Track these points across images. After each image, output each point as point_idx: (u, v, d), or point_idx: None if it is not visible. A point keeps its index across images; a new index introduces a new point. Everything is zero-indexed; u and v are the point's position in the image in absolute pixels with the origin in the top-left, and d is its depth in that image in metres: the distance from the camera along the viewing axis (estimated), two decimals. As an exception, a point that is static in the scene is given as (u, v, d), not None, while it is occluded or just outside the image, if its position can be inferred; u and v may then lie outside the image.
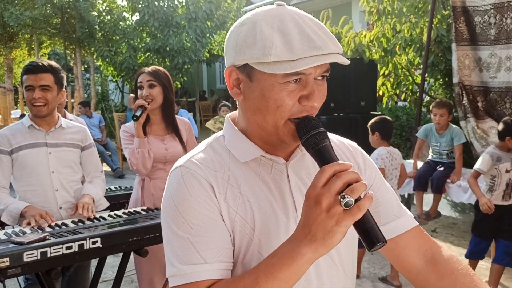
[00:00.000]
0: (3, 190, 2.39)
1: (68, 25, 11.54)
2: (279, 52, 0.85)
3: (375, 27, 5.86)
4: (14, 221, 2.30)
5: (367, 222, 0.82)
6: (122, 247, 2.20)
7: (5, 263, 1.82)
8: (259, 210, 0.93)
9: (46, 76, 2.34)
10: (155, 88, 2.62)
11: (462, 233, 5.16)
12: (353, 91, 5.48)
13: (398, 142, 6.66)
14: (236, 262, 0.94)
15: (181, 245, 0.90)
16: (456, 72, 4.81)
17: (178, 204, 0.92)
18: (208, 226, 0.90)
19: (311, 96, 0.89)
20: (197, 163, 0.95)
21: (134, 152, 2.55)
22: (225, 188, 0.93)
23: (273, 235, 0.93)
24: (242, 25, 0.92)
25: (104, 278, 3.77)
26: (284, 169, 0.99)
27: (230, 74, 0.96)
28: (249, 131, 0.98)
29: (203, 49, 10.85)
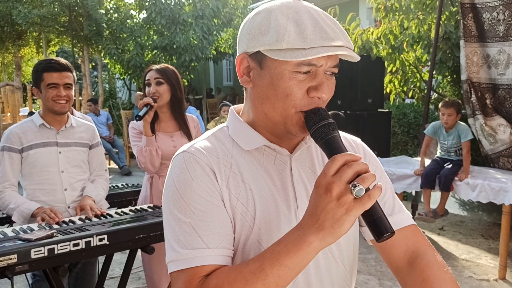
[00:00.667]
0: (12, 188, 2.41)
1: (76, 23, 11.59)
2: (292, 40, 0.86)
3: (383, 24, 5.82)
4: (24, 221, 2.32)
5: (376, 213, 0.82)
6: (129, 244, 2.21)
7: (12, 259, 1.83)
8: (260, 199, 0.94)
9: (69, 75, 2.39)
10: (162, 85, 2.63)
11: (470, 231, 5.13)
12: (360, 89, 5.45)
13: (406, 140, 6.62)
14: (236, 250, 0.93)
15: (182, 230, 0.90)
16: (464, 69, 4.77)
17: (180, 188, 0.92)
18: (210, 211, 0.90)
19: (320, 87, 0.90)
20: (200, 149, 0.96)
21: (142, 150, 2.56)
22: (227, 175, 0.93)
23: (273, 225, 0.94)
24: (258, 14, 0.94)
25: (111, 275, 3.80)
26: (287, 161, 0.99)
27: (241, 61, 0.96)
28: (256, 121, 0.98)
29: (210, 47, 10.85)
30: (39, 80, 2.38)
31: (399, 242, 1.05)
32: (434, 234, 5.05)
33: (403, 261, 1.05)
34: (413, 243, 1.06)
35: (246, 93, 1.00)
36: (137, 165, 9.29)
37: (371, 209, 0.80)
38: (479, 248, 4.59)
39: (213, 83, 19.22)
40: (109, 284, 3.47)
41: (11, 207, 2.33)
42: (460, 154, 4.52)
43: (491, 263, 4.17)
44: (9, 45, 14.13)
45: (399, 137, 6.64)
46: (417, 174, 4.62)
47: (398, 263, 1.06)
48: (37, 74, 2.39)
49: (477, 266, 4.14)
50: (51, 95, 2.36)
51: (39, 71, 2.38)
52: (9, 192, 2.38)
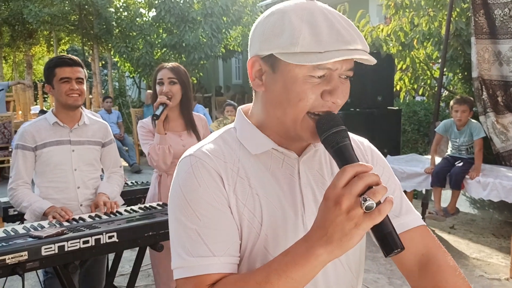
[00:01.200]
0: (26, 186, 2.44)
1: (86, 21, 11.66)
2: (306, 43, 0.83)
3: (393, 21, 5.78)
4: (36, 219, 2.34)
5: (386, 228, 0.80)
6: (138, 241, 2.23)
7: (23, 256, 1.85)
8: (267, 204, 0.92)
9: (80, 70, 2.43)
10: (175, 85, 2.64)
11: (481, 230, 5.09)
12: (369, 86, 5.42)
13: (416, 138, 6.57)
14: (242, 257, 0.91)
15: (188, 236, 0.88)
16: (476, 66, 4.72)
17: (186, 194, 0.90)
18: (217, 218, 0.88)
19: (335, 92, 0.87)
20: (207, 153, 0.93)
21: (155, 148, 2.57)
22: (234, 180, 0.91)
23: (280, 231, 0.92)
24: (271, 16, 0.90)
25: (121, 272, 3.82)
26: (295, 164, 0.97)
27: (253, 65, 0.93)
28: (266, 124, 0.96)
29: (219, 45, 10.84)
30: (51, 75, 2.40)
31: (407, 245, 0.99)
32: (445, 233, 5.02)
33: (413, 265, 1.03)
34: (422, 245, 1.04)
35: (257, 96, 0.98)
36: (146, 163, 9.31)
37: (381, 223, 0.78)
38: (490, 247, 4.55)
39: (222, 81, 19.24)
40: (118, 281, 3.49)
41: (24, 205, 2.36)
42: (471, 152, 4.48)
43: (502, 262, 4.13)
44: (20, 43, 14.23)
45: (409, 135, 6.59)
46: (427, 172, 4.59)
47: (409, 267, 1.03)
48: (49, 70, 2.41)
49: (488, 265, 4.11)
50: (64, 89, 2.39)
51: (51, 67, 2.40)
52: (22, 190, 2.40)
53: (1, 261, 1.79)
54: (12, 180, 2.43)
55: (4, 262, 1.80)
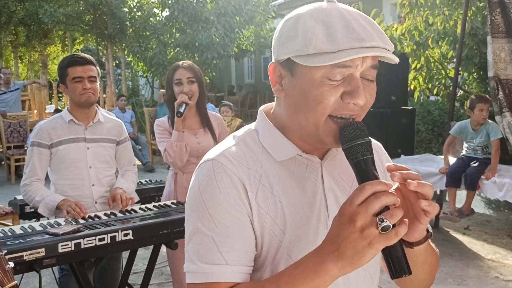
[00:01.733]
0: (39, 181, 2.46)
1: (100, 21, 11.75)
2: (319, 44, 0.81)
3: (407, 20, 5.74)
4: (50, 213, 2.36)
5: (397, 252, 0.79)
6: (153, 239, 2.25)
7: (40, 253, 1.88)
8: (290, 212, 0.90)
9: (92, 68, 2.44)
10: (194, 84, 2.67)
11: (496, 231, 5.03)
12: (383, 86, 5.38)
13: (430, 138, 6.52)
14: (264, 264, 0.91)
15: (203, 243, 0.87)
16: (492, 66, 4.66)
17: (206, 200, 0.88)
18: (234, 227, 0.87)
19: (355, 92, 0.83)
20: (230, 158, 0.91)
21: (173, 145, 2.58)
22: (256, 187, 0.89)
23: (303, 238, 0.90)
24: (288, 20, 0.89)
25: (135, 270, 3.84)
26: (318, 168, 0.95)
27: (274, 70, 0.92)
28: (289, 128, 0.93)
29: (232, 44, 10.85)
30: (64, 75, 2.42)
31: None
32: (459, 234, 4.97)
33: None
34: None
35: (279, 100, 0.96)
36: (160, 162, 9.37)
37: (393, 245, 0.77)
38: (505, 249, 4.50)
39: (234, 81, 19.27)
40: (132, 279, 3.51)
41: (37, 199, 2.38)
42: (487, 152, 4.43)
43: (516, 264, 4.08)
44: (35, 43, 14.41)
45: (423, 135, 6.55)
46: (442, 172, 4.55)
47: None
48: (62, 70, 2.44)
49: (503, 267, 4.06)
50: (77, 89, 2.41)
51: (64, 66, 2.43)
52: (36, 185, 2.43)
53: (19, 258, 1.82)
54: (27, 176, 2.45)
55: (21, 259, 1.83)
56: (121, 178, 2.63)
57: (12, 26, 13.44)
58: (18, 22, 12.66)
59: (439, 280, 3.79)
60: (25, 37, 14.13)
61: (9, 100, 8.47)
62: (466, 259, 4.22)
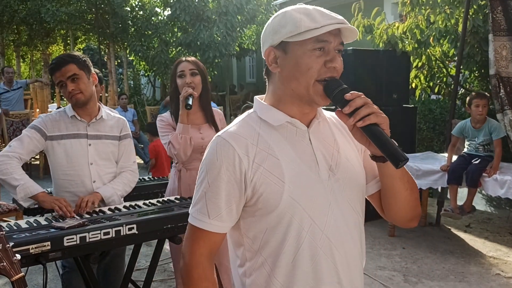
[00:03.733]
0: (20, 161, 2.36)
1: (102, 20, 11.77)
2: (307, 24, 1.14)
3: (409, 18, 5.74)
4: (24, 197, 2.28)
5: (390, 145, 1.10)
6: (157, 234, 2.26)
7: (46, 247, 1.90)
8: (286, 164, 1.18)
9: (69, 67, 2.36)
10: (197, 76, 2.68)
11: (497, 229, 5.04)
12: (385, 84, 5.40)
13: (431, 136, 6.53)
14: (275, 208, 1.17)
15: (199, 195, 1.21)
16: (493, 64, 4.67)
17: (207, 165, 1.20)
18: (221, 186, 1.17)
19: (334, 59, 1.17)
20: (231, 134, 1.21)
21: (178, 137, 2.58)
22: (254, 151, 1.18)
23: (301, 184, 1.18)
24: (276, 16, 1.22)
25: (137, 267, 3.87)
26: (306, 134, 1.24)
27: (269, 54, 1.22)
28: (282, 100, 1.23)
29: (233, 43, 10.85)
30: (53, 81, 2.45)
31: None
32: (461, 231, 4.98)
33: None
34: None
35: (271, 80, 1.26)
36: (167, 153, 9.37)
37: (385, 141, 1.09)
38: (507, 246, 4.51)
39: (236, 80, 19.27)
40: (135, 275, 3.53)
41: (15, 177, 2.28)
42: (489, 150, 4.44)
43: (520, 261, 4.09)
44: (37, 42, 14.42)
45: (425, 133, 6.55)
46: (443, 169, 4.56)
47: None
48: (50, 76, 2.48)
49: (505, 264, 4.08)
50: (64, 93, 2.42)
51: (50, 74, 2.44)
52: (16, 163, 2.33)
53: (25, 251, 1.83)
54: (10, 149, 2.35)
55: (27, 252, 1.84)
56: (111, 183, 2.54)
57: (15, 25, 13.46)
58: (20, 21, 12.67)
59: (440, 277, 3.81)
60: (27, 36, 14.14)
61: (12, 99, 8.50)
62: (468, 257, 4.24)
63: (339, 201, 1.21)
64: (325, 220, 1.19)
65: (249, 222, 1.22)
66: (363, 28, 5.74)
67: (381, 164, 1.20)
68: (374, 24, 5.79)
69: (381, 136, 1.10)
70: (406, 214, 1.29)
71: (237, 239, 1.26)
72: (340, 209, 1.21)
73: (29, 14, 12.19)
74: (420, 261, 4.16)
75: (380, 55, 5.50)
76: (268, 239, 1.19)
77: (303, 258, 1.18)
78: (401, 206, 1.27)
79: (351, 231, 1.23)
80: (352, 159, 1.27)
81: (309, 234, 1.17)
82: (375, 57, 5.41)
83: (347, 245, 1.22)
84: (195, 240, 1.22)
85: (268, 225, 1.19)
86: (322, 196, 1.19)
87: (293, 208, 1.16)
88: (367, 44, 5.96)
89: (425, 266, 4.04)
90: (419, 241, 4.66)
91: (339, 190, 1.22)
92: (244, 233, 1.23)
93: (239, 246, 1.25)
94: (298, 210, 1.16)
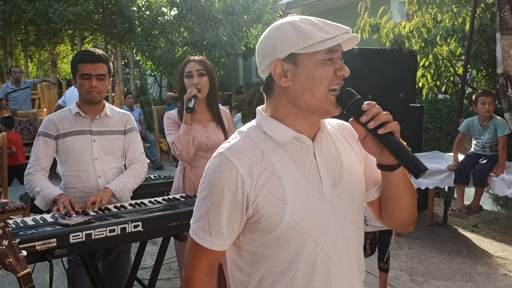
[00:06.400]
0: (42, 172, 2.47)
1: (109, 20, 11.82)
2: (320, 35, 1.12)
3: (415, 17, 5.71)
4: (46, 205, 2.37)
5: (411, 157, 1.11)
6: (162, 231, 2.27)
7: (52, 243, 1.91)
8: (290, 185, 1.16)
9: (102, 66, 2.44)
10: (204, 77, 2.68)
11: (505, 229, 5.01)
12: (391, 83, 5.38)
13: (438, 136, 6.49)
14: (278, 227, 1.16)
15: (201, 212, 1.20)
16: (501, 63, 4.64)
17: (210, 184, 1.18)
18: (223, 206, 1.16)
19: (343, 67, 1.17)
20: (234, 152, 1.18)
21: (180, 137, 2.60)
22: (258, 171, 1.16)
23: (305, 203, 1.17)
24: (278, 29, 1.18)
25: (143, 265, 3.88)
26: (311, 149, 1.22)
27: (276, 68, 1.17)
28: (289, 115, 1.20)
29: (240, 43, 10.85)
30: (75, 70, 2.45)
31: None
32: (468, 231, 4.95)
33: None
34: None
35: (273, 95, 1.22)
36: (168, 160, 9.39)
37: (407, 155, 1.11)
38: (514, 246, 4.48)
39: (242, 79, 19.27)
40: (140, 274, 3.54)
41: (36, 190, 2.40)
42: (496, 150, 4.41)
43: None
44: (45, 42, 14.50)
45: (432, 133, 6.52)
46: (450, 169, 4.54)
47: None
48: (73, 64, 2.47)
49: (512, 264, 4.05)
50: (84, 86, 2.44)
51: (75, 61, 2.45)
52: (38, 176, 2.44)
53: (31, 247, 1.84)
54: (31, 165, 2.47)
55: (34, 248, 1.85)
56: (120, 177, 2.57)
57: (22, 25, 13.54)
58: (28, 21, 12.74)
59: (447, 277, 3.79)
60: (35, 36, 14.23)
61: (19, 98, 8.55)
62: (475, 256, 4.21)
63: (340, 216, 1.22)
64: (324, 238, 1.19)
65: (248, 238, 1.22)
66: (370, 27, 5.72)
67: (387, 173, 1.21)
68: (380, 23, 5.76)
69: (400, 147, 1.11)
70: (406, 219, 1.30)
71: (236, 252, 1.26)
72: (340, 224, 1.22)
73: (37, 14, 12.26)
74: (427, 261, 4.14)
75: (386, 54, 5.48)
76: (267, 256, 1.20)
77: (303, 275, 1.18)
78: (403, 212, 1.28)
79: (349, 244, 1.24)
80: (354, 170, 1.27)
81: (309, 254, 1.18)
82: (381, 56, 5.39)
83: (345, 260, 1.23)
84: (196, 255, 1.22)
85: (267, 243, 1.19)
86: (323, 215, 1.19)
87: (294, 229, 1.16)
88: (374, 43, 5.94)
89: (432, 266, 4.02)
90: (426, 241, 4.64)
91: (340, 205, 1.22)
92: (243, 247, 1.24)
93: (237, 260, 1.26)
94: (299, 231, 1.16)
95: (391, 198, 1.27)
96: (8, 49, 14.41)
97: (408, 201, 1.26)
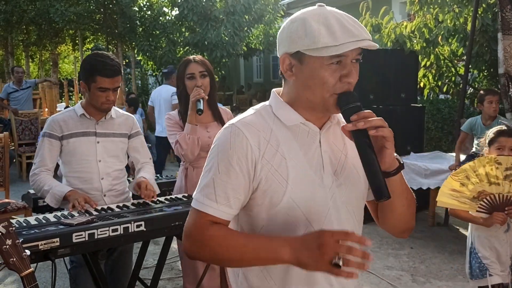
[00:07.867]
0: (48, 172, 2.48)
1: (110, 20, 11.82)
2: (325, 40, 1.10)
3: (417, 17, 5.72)
4: (57, 203, 2.37)
5: (379, 180, 1.11)
6: (165, 231, 2.27)
7: (55, 243, 1.91)
8: (292, 166, 1.18)
9: (119, 79, 2.42)
10: (206, 78, 2.69)
11: (506, 229, 5.00)
12: (393, 83, 5.38)
13: (440, 136, 6.50)
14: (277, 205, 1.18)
15: (207, 180, 1.19)
16: (502, 63, 4.64)
17: (219, 152, 1.19)
18: (231, 175, 1.17)
19: (350, 74, 1.15)
20: (245, 123, 1.20)
21: (186, 137, 2.60)
22: (265, 146, 1.18)
23: (305, 186, 1.19)
24: (293, 22, 1.18)
25: (145, 265, 3.88)
26: (317, 135, 1.24)
27: (284, 60, 1.20)
28: (297, 103, 1.23)
29: (241, 43, 10.87)
30: (91, 80, 2.37)
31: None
32: (469, 231, 4.95)
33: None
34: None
35: (287, 83, 1.24)
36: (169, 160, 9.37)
37: (376, 175, 1.11)
38: (516, 246, 4.47)
39: (243, 80, 19.29)
40: (142, 274, 3.54)
41: (45, 189, 2.39)
42: (498, 150, 4.40)
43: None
44: (46, 42, 14.50)
45: (433, 133, 6.53)
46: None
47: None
48: (90, 73, 2.36)
49: (514, 264, 4.04)
50: (100, 98, 2.40)
51: (93, 70, 2.35)
52: (44, 175, 2.45)
53: (34, 247, 1.85)
54: (36, 166, 2.47)
55: (37, 248, 1.86)
56: (142, 171, 2.64)
57: (24, 25, 13.54)
58: (30, 21, 12.74)
59: (448, 277, 3.79)
60: (36, 36, 14.23)
61: (21, 98, 8.55)
62: (476, 256, 4.21)
63: (338, 207, 1.22)
64: (321, 225, 1.19)
65: (247, 216, 1.23)
66: (371, 27, 5.72)
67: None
68: (382, 23, 5.77)
69: (374, 166, 1.12)
70: (400, 227, 1.31)
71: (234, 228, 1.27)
72: (338, 214, 1.22)
73: (38, 14, 12.26)
74: (428, 261, 4.14)
75: (388, 54, 5.48)
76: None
77: None
78: (396, 219, 1.29)
79: None
80: (358, 166, 1.25)
81: None
82: (383, 56, 5.39)
83: None
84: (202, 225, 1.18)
85: (264, 222, 1.20)
86: (322, 201, 1.20)
87: (292, 209, 1.17)
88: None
89: (433, 266, 4.02)
90: (427, 241, 4.64)
91: (340, 196, 1.23)
92: (241, 224, 1.26)
93: None
94: (296, 212, 1.18)
95: (385, 204, 1.26)
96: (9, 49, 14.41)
97: (403, 210, 1.26)
